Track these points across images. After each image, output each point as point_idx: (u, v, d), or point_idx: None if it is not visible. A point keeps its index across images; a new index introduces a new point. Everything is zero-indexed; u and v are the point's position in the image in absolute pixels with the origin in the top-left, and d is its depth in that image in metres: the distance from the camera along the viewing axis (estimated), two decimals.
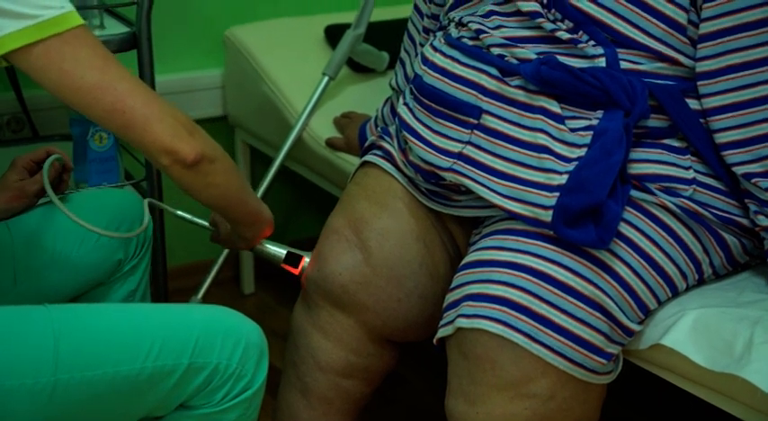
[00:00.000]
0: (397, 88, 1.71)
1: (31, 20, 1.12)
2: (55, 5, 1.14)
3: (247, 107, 2.21)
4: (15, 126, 2.04)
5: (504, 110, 1.34)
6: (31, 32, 1.12)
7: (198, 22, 2.24)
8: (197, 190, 1.28)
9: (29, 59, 1.14)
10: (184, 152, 1.21)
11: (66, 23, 1.14)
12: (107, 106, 1.17)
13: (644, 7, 1.31)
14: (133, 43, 1.70)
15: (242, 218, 1.40)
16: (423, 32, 1.67)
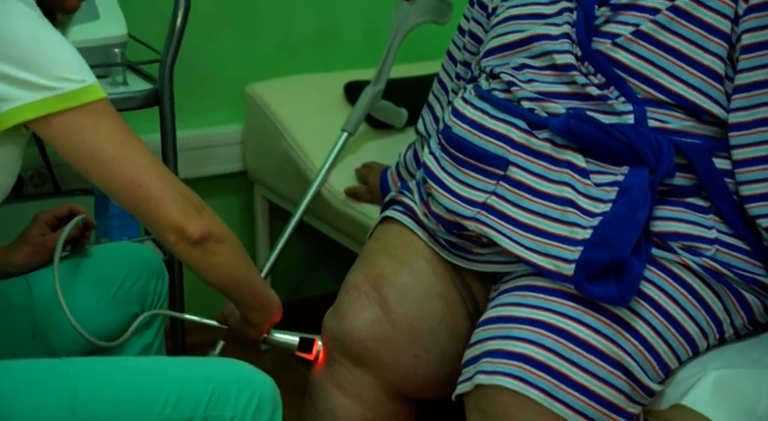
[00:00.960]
0: (424, 133, 1.72)
1: (50, 92, 1.14)
2: (76, 79, 1.16)
3: (267, 162, 2.22)
4: (38, 181, 2.06)
5: (531, 162, 1.35)
6: (50, 104, 1.14)
7: (219, 78, 2.27)
8: (203, 268, 1.29)
9: (48, 129, 1.16)
10: (191, 230, 1.22)
11: (88, 96, 1.16)
12: (124, 180, 1.19)
13: (680, 56, 1.33)
14: (155, 100, 1.72)
15: (250, 301, 1.39)
16: (454, 78, 1.69)
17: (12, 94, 1.13)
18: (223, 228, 1.28)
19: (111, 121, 1.19)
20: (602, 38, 1.37)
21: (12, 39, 1.13)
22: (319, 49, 2.37)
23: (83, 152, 1.18)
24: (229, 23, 2.24)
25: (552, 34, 1.40)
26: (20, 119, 1.14)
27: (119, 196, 1.22)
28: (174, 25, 1.69)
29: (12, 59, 1.12)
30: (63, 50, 1.17)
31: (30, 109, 1.14)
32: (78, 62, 1.17)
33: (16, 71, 1.12)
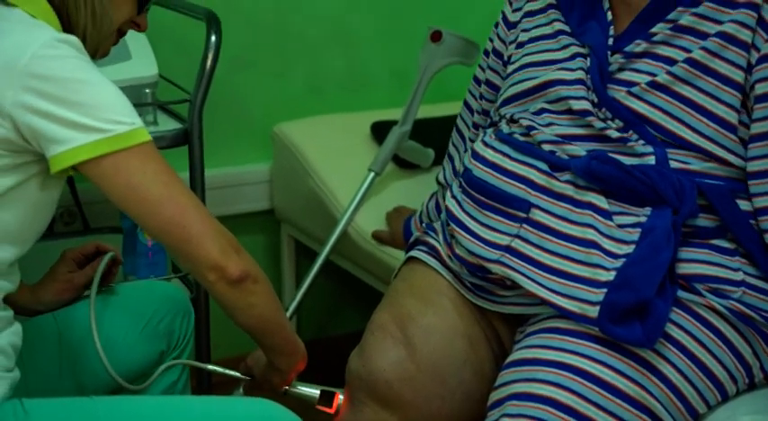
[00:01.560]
0: (445, 183, 1.72)
1: (101, 133, 1.17)
2: (126, 121, 1.19)
3: (294, 201, 2.23)
4: (68, 218, 2.08)
5: (553, 204, 1.35)
6: (102, 145, 1.17)
7: (247, 117, 2.29)
8: (239, 308, 1.30)
9: (97, 170, 1.19)
10: (231, 270, 1.24)
11: (136, 139, 1.19)
12: (167, 220, 1.22)
13: (695, 107, 1.33)
14: (185, 139, 1.74)
15: (279, 345, 1.40)
16: (472, 128, 1.70)
17: (65, 135, 1.16)
18: (258, 270, 1.30)
19: (157, 163, 1.22)
20: (616, 85, 1.37)
21: (64, 82, 1.16)
22: (347, 90, 2.39)
23: (129, 192, 1.20)
24: (258, 64, 2.27)
25: (567, 79, 1.41)
26: (73, 160, 1.17)
27: (161, 235, 1.25)
28: (204, 66, 1.72)
29: (65, 102, 1.16)
30: (113, 93, 1.20)
31: (83, 150, 1.17)
32: (127, 105, 1.21)
33: (69, 113, 1.16)
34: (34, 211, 1.25)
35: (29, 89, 1.15)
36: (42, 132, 1.16)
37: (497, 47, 1.61)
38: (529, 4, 1.54)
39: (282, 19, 2.27)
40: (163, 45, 1.92)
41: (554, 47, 1.46)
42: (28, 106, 1.15)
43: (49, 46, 1.17)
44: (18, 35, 1.18)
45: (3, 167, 1.19)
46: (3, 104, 1.15)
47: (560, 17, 1.47)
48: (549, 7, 1.50)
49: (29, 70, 1.15)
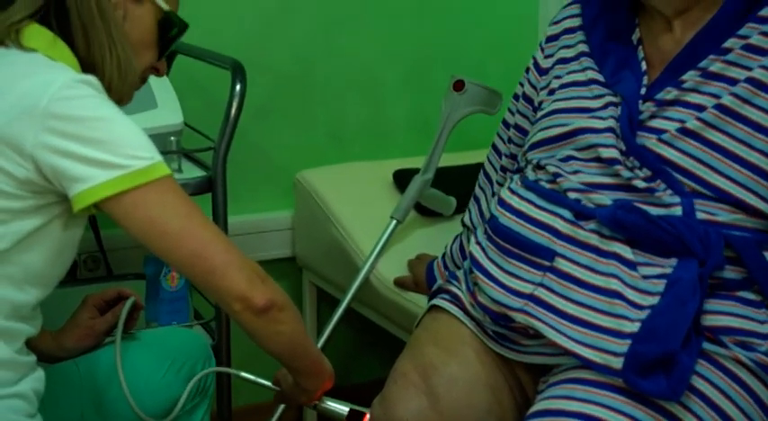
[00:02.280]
0: (470, 225, 1.72)
1: (121, 169, 1.17)
2: (145, 156, 1.19)
3: (316, 249, 2.24)
4: (92, 265, 2.09)
5: (578, 253, 1.34)
6: (122, 181, 1.18)
7: (270, 165, 2.31)
8: (265, 336, 1.30)
9: (118, 207, 1.19)
10: (256, 299, 1.24)
11: (155, 173, 1.20)
12: (189, 252, 1.22)
13: (726, 154, 1.33)
14: (209, 187, 1.75)
15: (305, 367, 1.41)
16: (500, 171, 1.70)
17: (86, 173, 1.17)
18: (284, 297, 1.29)
19: (176, 196, 1.22)
20: (647, 133, 1.38)
21: (84, 121, 1.17)
22: (369, 138, 2.40)
23: (149, 226, 1.21)
24: (282, 112, 2.29)
25: (597, 128, 1.41)
26: (95, 198, 1.17)
27: (185, 268, 1.25)
28: (228, 114, 1.73)
29: (85, 140, 1.16)
30: (131, 129, 1.21)
31: (104, 187, 1.17)
32: (145, 140, 1.21)
33: (90, 151, 1.16)
34: (57, 253, 1.26)
35: (50, 130, 1.16)
36: (64, 171, 1.17)
37: (527, 92, 1.62)
38: (562, 51, 1.55)
39: (305, 68, 2.29)
40: (188, 93, 1.95)
41: (587, 95, 1.46)
42: (49, 146, 1.16)
43: (68, 86, 1.18)
44: (37, 77, 1.19)
45: (26, 209, 1.20)
46: (24, 146, 1.16)
47: (593, 66, 1.48)
48: (581, 55, 1.51)
49: (49, 111, 1.16)
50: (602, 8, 1.50)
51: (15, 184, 1.17)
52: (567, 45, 1.55)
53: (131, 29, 1.33)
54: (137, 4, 1.34)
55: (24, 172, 1.17)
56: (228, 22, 2.17)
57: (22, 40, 1.25)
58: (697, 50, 1.38)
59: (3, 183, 1.17)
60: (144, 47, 1.36)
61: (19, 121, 1.15)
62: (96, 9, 1.28)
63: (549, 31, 1.60)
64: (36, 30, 1.27)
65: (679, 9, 1.42)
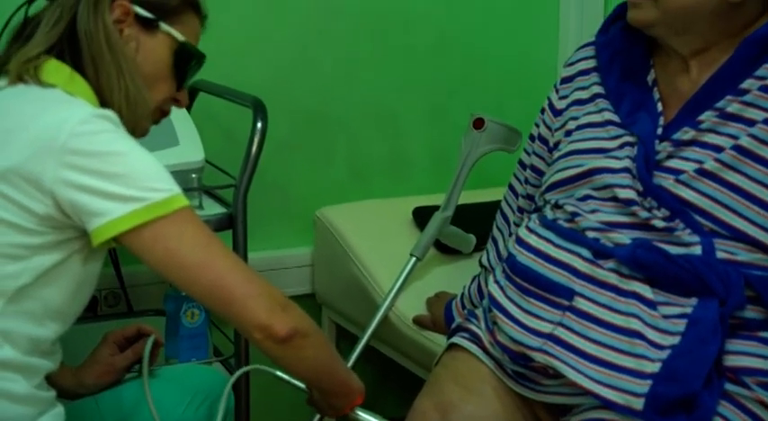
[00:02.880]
0: (488, 266, 1.72)
1: (139, 203, 1.18)
2: (163, 188, 1.20)
3: (335, 286, 2.24)
4: (112, 301, 2.10)
5: (597, 293, 1.34)
6: (140, 214, 1.18)
7: (290, 202, 2.31)
8: (289, 363, 1.31)
9: (137, 240, 1.19)
10: (277, 328, 1.23)
11: (173, 205, 1.20)
12: (208, 283, 1.22)
13: (744, 195, 1.32)
14: (229, 223, 1.76)
15: (332, 388, 1.41)
16: (517, 211, 1.70)
17: (105, 207, 1.17)
18: (308, 323, 1.29)
19: (195, 227, 1.22)
20: (664, 173, 1.38)
21: (102, 155, 1.18)
22: (388, 175, 2.41)
23: (168, 258, 1.21)
24: (302, 149, 2.30)
25: (613, 168, 1.41)
26: (114, 231, 1.18)
27: (204, 299, 1.25)
28: (249, 152, 1.74)
29: (103, 175, 1.17)
30: (149, 162, 1.21)
31: (123, 221, 1.17)
32: (163, 172, 1.22)
33: (108, 185, 1.17)
34: (76, 288, 1.26)
35: (68, 165, 1.16)
36: (83, 206, 1.17)
37: (543, 133, 1.62)
38: (576, 92, 1.55)
39: (326, 105, 2.31)
40: (209, 130, 1.96)
41: (603, 135, 1.46)
42: (68, 181, 1.16)
43: (86, 122, 1.18)
44: (56, 113, 1.20)
45: (46, 245, 1.20)
46: (44, 182, 1.17)
47: (609, 107, 1.48)
48: (596, 97, 1.51)
49: (67, 147, 1.16)
50: (617, 50, 1.51)
51: (35, 220, 1.18)
52: (582, 87, 1.55)
53: (144, 60, 1.33)
54: (149, 35, 1.34)
55: (44, 207, 1.18)
56: (250, 60, 2.19)
57: (42, 75, 1.27)
58: (714, 91, 1.38)
59: (22, 219, 1.18)
60: (159, 78, 1.36)
61: (38, 158, 1.16)
62: (105, 42, 1.29)
63: (563, 73, 1.61)
64: (54, 65, 1.28)
65: (696, 49, 1.42)
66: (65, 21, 1.30)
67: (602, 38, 1.54)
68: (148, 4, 1.33)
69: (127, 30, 1.32)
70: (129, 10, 1.32)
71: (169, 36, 1.35)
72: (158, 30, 1.34)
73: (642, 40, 1.48)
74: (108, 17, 1.30)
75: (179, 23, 1.36)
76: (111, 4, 1.31)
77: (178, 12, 1.36)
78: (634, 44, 1.49)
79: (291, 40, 2.24)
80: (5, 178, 1.16)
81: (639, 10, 1.41)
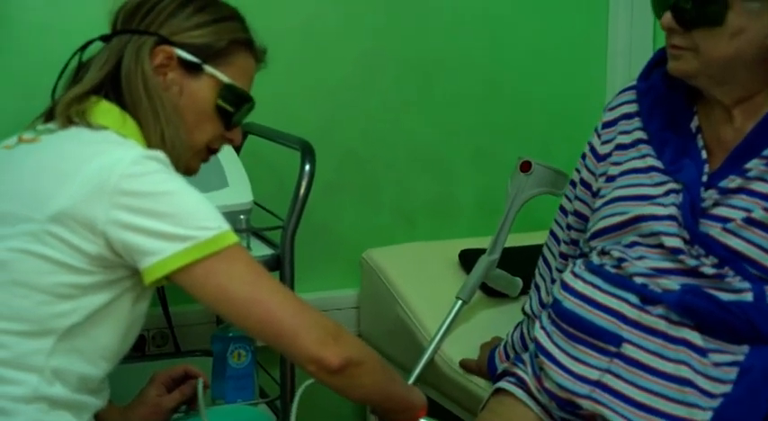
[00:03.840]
0: (531, 313, 1.71)
1: (190, 241, 1.19)
2: (213, 226, 1.21)
3: (381, 328, 2.23)
4: (160, 341, 2.11)
5: (645, 339, 1.32)
6: (192, 252, 1.19)
7: (337, 243, 2.32)
8: (346, 392, 1.30)
9: (188, 277, 1.21)
10: (329, 360, 1.24)
11: (223, 242, 1.21)
12: (259, 318, 1.23)
13: None
14: (277, 265, 1.76)
15: (392, 408, 1.40)
16: (559, 257, 1.69)
17: (156, 246, 1.19)
18: (362, 351, 1.29)
19: (245, 263, 1.24)
20: (710, 221, 1.36)
21: (152, 196, 1.20)
22: (435, 218, 2.41)
23: (219, 295, 1.22)
24: (349, 191, 2.32)
25: (658, 215, 1.40)
26: (166, 270, 1.19)
27: (256, 334, 1.26)
28: (297, 194, 1.75)
29: (154, 215, 1.19)
30: (197, 200, 1.23)
31: (174, 259, 1.19)
32: (211, 210, 1.24)
33: (159, 225, 1.19)
34: (126, 326, 1.28)
35: (120, 206, 1.18)
36: (134, 246, 1.19)
37: (585, 178, 1.62)
38: (619, 137, 1.55)
39: (373, 147, 2.32)
40: (257, 172, 1.98)
41: (647, 182, 1.45)
42: (120, 222, 1.18)
43: (136, 163, 1.20)
44: (108, 155, 1.22)
45: (97, 284, 1.22)
46: (96, 223, 1.18)
47: (652, 152, 1.47)
48: (639, 142, 1.51)
49: (119, 188, 1.18)
50: (659, 96, 1.50)
51: (87, 260, 1.20)
52: (625, 131, 1.54)
53: (188, 103, 1.35)
54: (194, 78, 1.36)
55: (96, 248, 1.20)
56: (298, 103, 2.21)
57: (93, 117, 1.29)
58: (759, 139, 1.37)
59: (74, 260, 1.20)
60: (203, 120, 1.37)
61: (91, 200, 1.18)
62: (143, 88, 1.31)
63: (605, 117, 1.60)
64: (106, 107, 1.31)
65: (738, 98, 1.41)
66: (111, 63, 1.33)
67: (643, 83, 1.53)
68: (193, 47, 1.35)
69: (171, 74, 1.34)
70: (171, 54, 1.34)
71: (214, 78, 1.37)
72: (203, 72, 1.36)
73: (684, 87, 1.47)
74: (147, 64, 1.32)
75: (226, 65, 1.38)
76: (154, 49, 1.33)
77: (225, 53, 1.38)
78: (676, 90, 1.48)
79: (340, 84, 2.26)
80: (59, 220, 1.18)
81: (680, 61, 1.40)
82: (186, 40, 1.35)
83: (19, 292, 1.18)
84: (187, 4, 1.36)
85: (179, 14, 1.35)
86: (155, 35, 1.33)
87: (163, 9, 1.35)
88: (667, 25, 1.38)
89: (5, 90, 1.97)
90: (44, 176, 1.21)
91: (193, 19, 1.36)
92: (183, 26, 1.35)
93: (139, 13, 1.35)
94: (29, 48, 1.97)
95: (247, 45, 1.41)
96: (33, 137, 1.29)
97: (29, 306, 1.19)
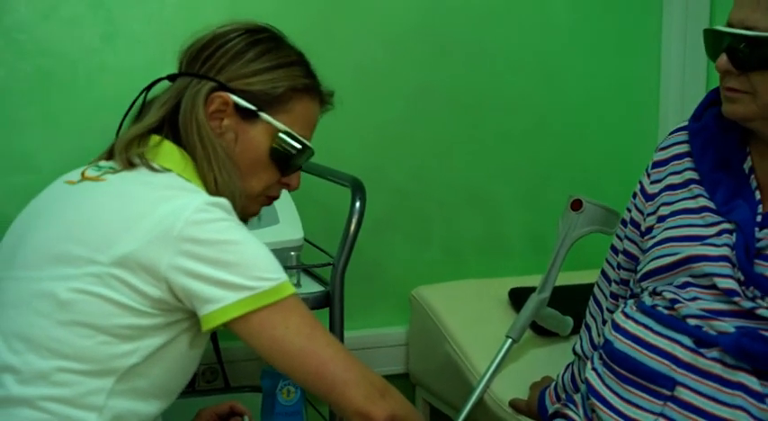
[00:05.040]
0: (582, 354, 1.69)
1: (250, 291, 1.21)
2: (272, 277, 1.23)
3: (430, 366, 2.22)
4: (210, 376, 2.12)
5: (700, 383, 1.30)
6: (250, 302, 1.21)
7: (387, 280, 2.32)
8: None
9: (245, 326, 1.23)
10: (375, 415, 1.25)
11: (281, 293, 1.24)
12: (311, 370, 1.24)
13: None
14: (326, 302, 1.77)
15: None
16: (610, 297, 1.67)
17: (217, 295, 1.21)
18: (406, 408, 1.30)
19: (300, 316, 1.25)
20: (765, 262, 1.34)
21: (216, 244, 1.21)
22: (485, 255, 2.40)
23: (273, 345, 1.24)
24: (399, 229, 2.32)
25: (711, 255, 1.38)
26: (225, 318, 1.21)
27: (306, 384, 1.27)
28: (347, 231, 1.75)
29: (217, 263, 1.21)
30: (259, 251, 1.25)
31: (233, 308, 1.21)
32: (272, 261, 1.25)
33: (221, 274, 1.21)
34: (182, 366, 1.29)
35: (184, 252, 1.20)
36: (195, 292, 1.21)
37: (635, 217, 1.60)
38: (670, 177, 1.53)
39: (423, 185, 2.33)
40: (308, 209, 1.99)
41: (699, 222, 1.44)
42: (183, 268, 1.20)
43: (202, 210, 1.22)
44: (174, 201, 1.23)
45: (156, 326, 1.23)
46: (159, 268, 1.20)
47: (704, 193, 1.46)
48: (690, 182, 1.49)
49: (183, 234, 1.20)
50: (711, 136, 1.48)
51: (148, 303, 1.22)
52: (675, 171, 1.53)
53: (243, 150, 1.37)
54: (250, 125, 1.37)
55: (158, 292, 1.22)
56: (348, 140, 2.22)
57: (155, 158, 1.31)
58: None
59: (136, 302, 1.21)
60: (259, 167, 1.39)
61: (155, 245, 1.20)
62: (197, 134, 1.33)
63: (655, 157, 1.58)
64: (168, 149, 1.33)
65: None
66: (170, 105, 1.35)
67: (696, 124, 1.51)
68: (249, 94, 1.36)
69: (226, 120, 1.35)
70: (228, 101, 1.35)
71: (270, 125, 1.37)
72: (259, 119, 1.37)
73: (737, 127, 1.45)
74: (202, 111, 1.33)
75: (284, 112, 1.38)
76: (211, 94, 1.34)
77: (283, 100, 1.38)
78: (728, 131, 1.46)
79: (390, 122, 2.28)
80: (123, 264, 1.20)
81: (736, 104, 1.37)
82: (243, 86, 1.35)
83: (82, 333, 1.20)
84: (248, 50, 1.37)
85: (239, 60, 1.36)
86: (213, 81, 1.35)
87: (224, 53, 1.36)
88: (723, 68, 1.35)
89: (65, 127, 2.01)
90: (110, 219, 1.23)
91: (252, 65, 1.36)
92: (241, 72, 1.36)
93: (202, 57, 1.37)
94: (88, 87, 2.01)
95: (308, 91, 1.41)
96: (97, 175, 1.31)
97: (91, 346, 1.21)
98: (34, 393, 1.19)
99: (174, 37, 1.43)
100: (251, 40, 1.37)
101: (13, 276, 1.26)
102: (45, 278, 1.23)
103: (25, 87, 1.98)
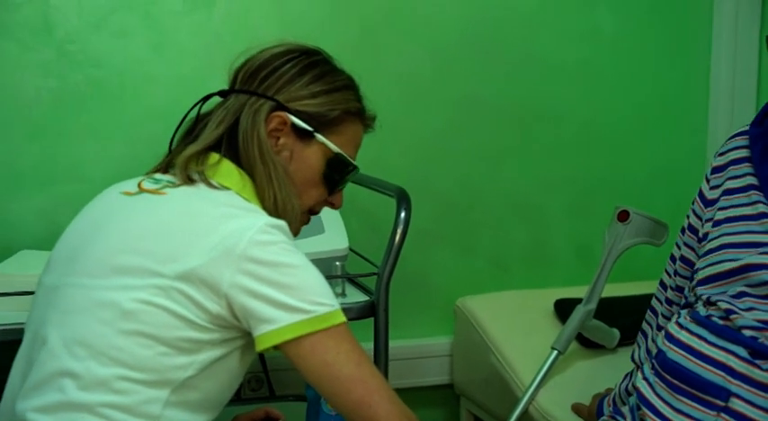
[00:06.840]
0: (639, 362, 1.67)
1: (305, 314, 1.23)
2: (327, 303, 1.25)
3: (474, 377, 2.21)
4: (255, 385, 2.13)
5: (755, 394, 1.28)
6: (304, 326, 1.23)
7: (431, 291, 2.32)
8: None
9: (297, 349, 1.24)
10: None
11: (334, 320, 1.25)
12: (356, 398, 1.25)
13: None
14: (371, 311, 1.77)
15: None
16: (665, 303, 1.66)
17: (273, 315, 1.23)
18: None
19: (350, 344, 1.27)
20: None
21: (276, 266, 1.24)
22: (530, 266, 2.39)
23: (323, 370, 1.25)
24: (444, 239, 2.32)
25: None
26: (279, 339, 1.23)
27: (348, 412, 1.28)
28: (392, 241, 1.76)
29: (276, 285, 1.23)
30: (316, 277, 1.27)
31: (288, 330, 1.23)
32: (327, 288, 1.28)
33: (279, 295, 1.23)
34: (231, 380, 1.31)
35: (245, 272, 1.22)
36: (253, 311, 1.23)
37: (693, 223, 1.58)
38: (728, 182, 1.51)
39: (469, 195, 2.33)
40: (353, 219, 2.00)
41: (757, 229, 1.42)
42: (243, 287, 1.22)
43: (264, 231, 1.25)
44: (238, 220, 1.26)
45: (213, 341, 1.25)
46: (221, 285, 1.22)
47: (763, 199, 1.44)
48: (750, 187, 1.47)
49: (246, 254, 1.22)
50: None
51: (207, 318, 1.24)
52: (734, 176, 1.51)
53: (297, 168, 1.40)
54: (305, 144, 1.40)
55: (218, 308, 1.24)
56: (394, 150, 2.23)
57: (215, 177, 1.33)
58: None
59: (196, 316, 1.23)
60: (311, 185, 1.42)
61: (218, 262, 1.22)
62: (258, 151, 1.36)
63: (714, 163, 1.57)
64: (227, 167, 1.35)
65: None
66: (228, 122, 1.38)
67: (756, 129, 1.50)
68: (307, 115, 1.39)
69: (283, 139, 1.39)
70: (286, 120, 1.38)
71: (324, 146, 1.41)
72: (314, 140, 1.40)
73: None
74: (263, 129, 1.37)
75: (336, 134, 1.42)
76: (270, 113, 1.37)
77: (337, 122, 1.42)
78: None
79: (436, 132, 2.28)
80: (187, 278, 1.23)
81: None
82: (301, 107, 1.39)
83: (143, 342, 1.22)
84: (306, 72, 1.40)
85: (297, 82, 1.40)
86: (272, 100, 1.37)
87: (283, 74, 1.39)
88: None
89: (114, 137, 2.04)
90: (175, 233, 1.26)
91: (310, 87, 1.40)
92: (300, 94, 1.39)
93: (260, 76, 1.40)
94: (136, 97, 2.04)
95: (358, 114, 1.46)
96: (156, 188, 1.34)
97: (151, 356, 1.22)
98: (95, 399, 1.21)
99: (222, 48, 1.45)
100: (307, 63, 1.41)
101: (74, 283, 1.28)
102: (108, 287, 1.25)
103: (76, 98, 2.01)
